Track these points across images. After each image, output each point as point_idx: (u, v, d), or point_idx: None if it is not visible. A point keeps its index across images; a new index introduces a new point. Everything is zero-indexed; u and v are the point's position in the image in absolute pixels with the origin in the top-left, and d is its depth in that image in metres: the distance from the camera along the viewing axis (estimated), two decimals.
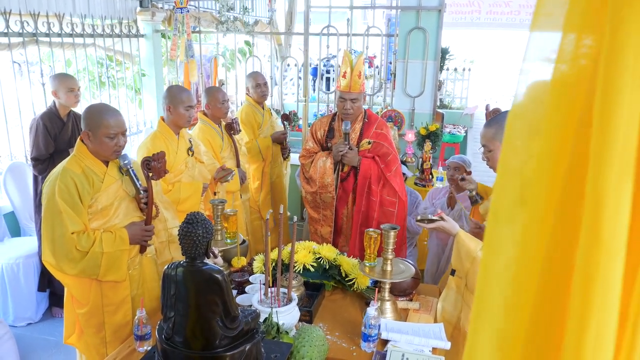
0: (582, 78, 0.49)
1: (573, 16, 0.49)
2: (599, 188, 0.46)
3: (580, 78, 0.49)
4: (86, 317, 2.33)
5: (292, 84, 8.70)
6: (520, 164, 0.52)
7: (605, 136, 0.45)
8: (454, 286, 2.35)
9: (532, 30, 0.52)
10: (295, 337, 1.86)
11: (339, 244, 3.37)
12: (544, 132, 0.51)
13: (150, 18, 5.40)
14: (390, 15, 6.91)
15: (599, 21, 0.47)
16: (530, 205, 0.52)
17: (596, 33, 0.47)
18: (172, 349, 1.56)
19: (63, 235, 2.17)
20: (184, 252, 1.56)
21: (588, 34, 0.48)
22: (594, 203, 0.46)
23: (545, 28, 0.51)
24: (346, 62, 3.10)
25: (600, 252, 0.46)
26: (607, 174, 0.45)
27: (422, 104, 4.91)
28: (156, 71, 5.65)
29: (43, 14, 4.16)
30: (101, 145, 2.26)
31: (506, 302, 0.54)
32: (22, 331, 3.66)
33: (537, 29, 0.52)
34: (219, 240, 2.58)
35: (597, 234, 0.46)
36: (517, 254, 0.53)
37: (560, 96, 0.50)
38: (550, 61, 0.50)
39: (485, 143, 2.21)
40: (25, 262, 3.69)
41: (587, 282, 0.47)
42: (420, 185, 4.44)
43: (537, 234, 0.52)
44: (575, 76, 0.50)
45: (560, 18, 0.50)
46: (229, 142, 3.72)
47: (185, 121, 3.06)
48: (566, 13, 0.49)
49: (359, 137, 3.25)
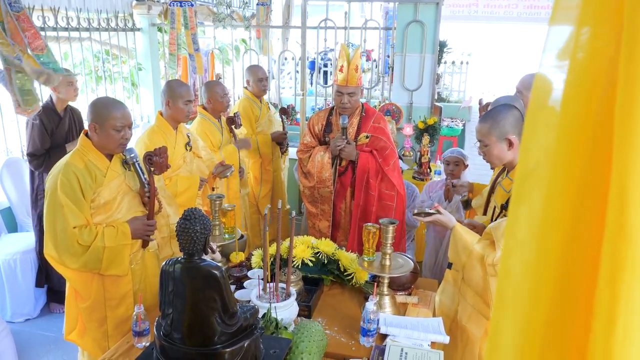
0: (599, 71, 0.49)
1: (588, 9, 0.49)
2: (623, 176, 0.46)
3: (597, 71, 0.49)
4: (88, 311, 2.35)
5: (289, 77, 8.67)
6: (540, 155, 0.53)
7: (630, 126, 0.45)
8: (451, 279, 2.35)
9: (551, 24, 0.52)
10: (294, 333, 1.86)
11: (337, 238, 3.37)
12: (562, 124, 0.52)
13: (147, 12, 5.36)
14: (388, 8, 6.88)
15: (615, 14, 0.46)
16: (549, 189, 0.53)
17: (612, 26, 0.47)
18: (170, 345, 1.56)
19: (65, 230, 2.18)
20: (182, 248, 1.55)
21: (604, 27, 0.48)
22: (619, 191, 0.46)
23: (563, 22, 0.51)
24: (343, 56, 3.08)
25: (626, 242, 0.46)
26: (632, 164, 0.45)
27: (420, 97, 4.90)
28: (153, 65, 5.62)
29: (38, 7, 4.12)
30: (108, 137, 2.27)
31: (530, 285, 0.55)
32: (20, 327, 3.66)
33: (556, 22, 0.52)
34: (217, 235, 2.57)
35: (622, 224, 0.46)
36: (538, 234, 0.54)
37: (577, 89, 0.51)
38: (567, 54, 0.51)
39: (480, 138, 2.21)
40: (23, 257, 3.68)
41: (615, 273, 0.47)
42: (419, 179, 4.44)
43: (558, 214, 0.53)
44: (591, 69, 0.50)
45: (576, 11, 0.50)
46: (229, 136, 3.71)
47: (184, 116, 3.05)
48: (581, 6, 0.49)
49: (357, 131, 3.24)
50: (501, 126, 2.13)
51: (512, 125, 2.13)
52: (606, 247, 0.48)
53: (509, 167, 2.24)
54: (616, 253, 0.47)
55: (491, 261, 2.08)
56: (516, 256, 0.56)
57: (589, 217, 0.51)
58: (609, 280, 0.48)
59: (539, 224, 0.54)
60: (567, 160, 0.52)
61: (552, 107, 0.53)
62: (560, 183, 0.52)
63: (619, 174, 0.47)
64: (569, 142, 0.51)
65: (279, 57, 6.17)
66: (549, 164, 0.53)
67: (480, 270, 2.15)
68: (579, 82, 0.50)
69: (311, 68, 7.46)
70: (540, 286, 0.54)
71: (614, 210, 0.47)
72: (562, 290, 0.53)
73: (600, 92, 0.49)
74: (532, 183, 0.54)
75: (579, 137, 0.51)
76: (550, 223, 0.53)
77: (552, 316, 0.54)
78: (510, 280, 0.57)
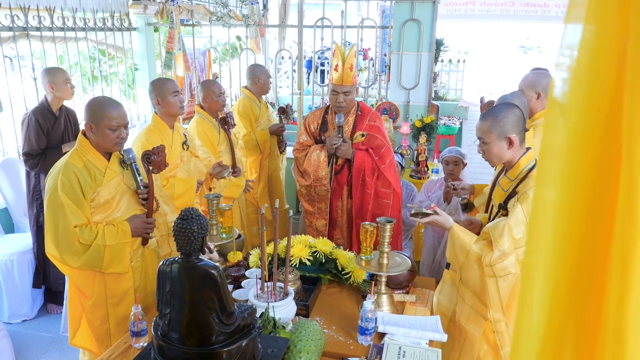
0: (608, 66, 0.50)
1: (591, 7, 0.50)
2: (634, 164, 0.48)
3: (605, 66, 0.50)
4: (91, 309, 2.38)
5: (286, 76, 8.66)
6: (557, 142, 0.55)
7: (638, 123, 0.47)
8: (449, 279, 2.35)
9: (566, 22, 0.53)
10: (292, 332, 1.86)
11: (334, 236, 3.37)
12: (575, 116, 0.53)
13: (143, 11, 5.35)
14: (385, 7, 6.88)
15: (619, 13, 0.47)
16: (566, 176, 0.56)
17: (616, 24, 0.48)
18: (168, 345, 1.55)
19: (66, 229, 2.20)
20: (179, 248, 1.55)
21: (607, 25, 0.49)
22: (629, 180, 0.48)
23: (575, 20, 0.52)
24: (338, 55, 3.08)
25: (636, 229, 0.48)
26: None
27: (417, 96, 4.90)
28: (149, 65, 5.61)
29: (34, 7, 4.11)
30: (103, 137, 2.29)
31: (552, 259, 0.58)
32: (17, 328, 3.65)
33: (571, 21, 0.53)
34: (214, 235, 2.57)
35: (632, 211, 0.48)
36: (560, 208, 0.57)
37: (584, 85, 0.52)
38: (575, 50, 0.52)
39: (481, 136, 2.20)
40: (20, 258, 3.67)
41: (625, 258, 0.50)
42: (416, 178, 4.44)
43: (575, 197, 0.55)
44: (596, 65, 0.51)
45: (584, 9, 0.51)
46: (225, 136, 3.70)
47: (178, 108, 3.04)
48: (586, 4, 0.50)
49: (353, 130, 3.24)
50: (502, 124, 2.12)
51: (513, 124, 2.12)
52: (617, 236, 0.50)
53: (507, 166, 2.23)
54: (625, 242, 0.49)
55: (488, 262, 2.08)
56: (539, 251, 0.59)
57: (601, 211, 0.53)
58: (620, 266, 0.50)
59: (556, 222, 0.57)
60: (577, 154, 0.53)
61: (563, 103, 0.54)
62: (572, 178, 0.54)
63: (628, 166, 0.48)
64: (579, 138, 0.53)
65: (275, 56, 6.16)
66: (562, 157, 0.55)
67: (477, 270, 2.15)
68: (587, 78, 0.52)
69: (308, 67, 7.45)
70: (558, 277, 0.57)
71: (624, 202, 0.49)
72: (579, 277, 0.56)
73: (607, 89, 0.50)
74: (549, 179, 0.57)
75: (589, 133, 0.52)
76: (565, 220, 0.56)
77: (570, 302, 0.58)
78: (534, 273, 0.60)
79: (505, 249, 2.05)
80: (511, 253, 2.06)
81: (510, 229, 2.05)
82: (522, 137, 2.17)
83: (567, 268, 0.56)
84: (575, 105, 0.53)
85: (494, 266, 2.07)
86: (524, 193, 2.08)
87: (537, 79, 2.90)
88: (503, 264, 2.06)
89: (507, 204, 2.17)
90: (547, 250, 0.58)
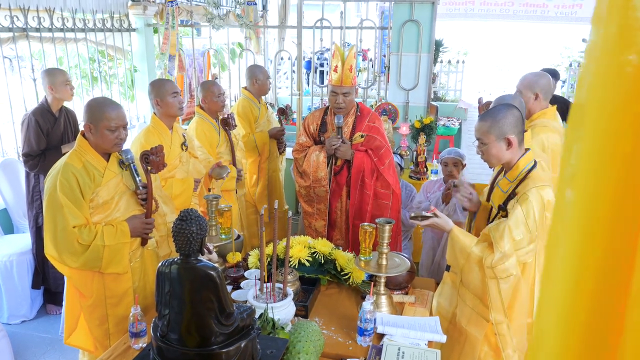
0: (618, 70, 0.50)
1: (598, 10, 0.50)
2: None
3: (616, 70, 0.50)
4: (90, 309, 2.38)
5: (286, 77, 8.66)
6: (579, 149, 0.55)
7: None
8: (449, 282, 2.35)
9: (592, 23, 0.53)
10: (291, 333, 1.86)
11: (333, 237, 3.38)
12: (599, 122, 0.53)
13: (142, 12, 5.35)
14: (384, 7, 6.89)
15: (623, 16, 0.48)
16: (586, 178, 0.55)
17: (621, 25, 0.48)
18: (167, 346, 1.55)
19: (65, 229, 2.21)
20: (178, 249, 1.55)
21: (612, 27, 0.49)
22: None
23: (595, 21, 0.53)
24: (337, 56, 3.08)
25: None
26: None
27: (416, 96, 4.90)
28: (149, 66, 5.61)
29: (33, 8, 4.11)
30: (102, 138, 2.29)
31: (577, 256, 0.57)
32: (16, 329, 3.65)
33: (593, 22, 0.53)
34: (213, 235, 2.57)
35: None
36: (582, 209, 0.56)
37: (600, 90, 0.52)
38: (590, 51, 0.52)
39: (479, 136, 2.20)
40: (19, 259, 3.67)
41: None
42: (415, 179, 4.44)
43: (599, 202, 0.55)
44: (607, 68, 0.51)
45: None
46: (226, 137, 3.70)
47: (177, 109, 3.04)
48: (595, 6, 0.50)
49: (352, 131, 3.24)
50: (501, 125, 2.12)
51: (511, 125, 2.12)
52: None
53: (506, 167, 2.23)
54: None
55: (490, 264, 2.08)
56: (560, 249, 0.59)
57: (628, 216, 0.52)
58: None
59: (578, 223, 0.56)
60: (604, 158, 0.53)
61: (584, 105, 0.54)
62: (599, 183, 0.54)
63: None
64: (605, 141, 0.53)
65: (275, 57, 6.16)
66: (587, 161, 0.54)
67: (479, 273, 2.15)
68: (603, 82, 0.52)
69: (307, 68, 7.45)
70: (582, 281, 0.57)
71: None
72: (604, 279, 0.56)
73: (623, 94, 0.50)
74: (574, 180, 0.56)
75: (616, 132, 0.52)
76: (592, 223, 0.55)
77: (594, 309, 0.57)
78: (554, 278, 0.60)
79: (506, 251, 2.05)
80: (512, 254, 2.06)
81: (511, 230, 2.05)
82: (521, 138, 2.17)
83: (590, 270, 0.56)
84: (599, 108, 0.53)
85: (495, 268, 2.07)
86: (523, 194, 2.08)
87: (535, 79, 2.90)
88: (504, 265, 2.06)
89: (507, 205, 2.18)
90: (569, 253, 0.57)
